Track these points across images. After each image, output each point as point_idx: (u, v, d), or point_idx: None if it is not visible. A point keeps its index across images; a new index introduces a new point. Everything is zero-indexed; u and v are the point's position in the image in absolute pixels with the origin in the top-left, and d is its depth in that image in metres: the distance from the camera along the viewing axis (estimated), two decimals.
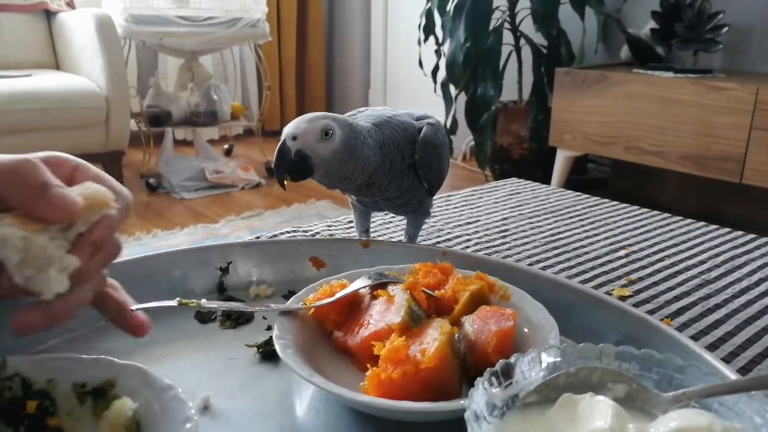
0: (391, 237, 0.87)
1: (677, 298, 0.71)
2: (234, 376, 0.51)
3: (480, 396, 0.37)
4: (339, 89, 4.22)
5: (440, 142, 0.71)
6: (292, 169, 0.61)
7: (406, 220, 0.77)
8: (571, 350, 0.41)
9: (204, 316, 0.60)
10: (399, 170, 0.68)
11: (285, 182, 0.62)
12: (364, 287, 0.55)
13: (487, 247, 0.85)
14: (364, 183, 0.66)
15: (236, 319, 0.59)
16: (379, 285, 0.55)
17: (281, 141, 0.61)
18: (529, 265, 0.78)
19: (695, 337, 0.62)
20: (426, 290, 0.53)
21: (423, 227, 0.79)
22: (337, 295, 0.53)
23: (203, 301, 0.52)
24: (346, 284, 0.55)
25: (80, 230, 0.40)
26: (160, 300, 0.61)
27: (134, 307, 0.47)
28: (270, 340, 0.51)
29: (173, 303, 0.51)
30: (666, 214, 1.01)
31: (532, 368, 0.40)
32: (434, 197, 0.80)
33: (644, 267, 0.80)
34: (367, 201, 0.73)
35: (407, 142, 0.68)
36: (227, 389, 0.49)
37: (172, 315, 0.60)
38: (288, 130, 0.61)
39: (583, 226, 0.95)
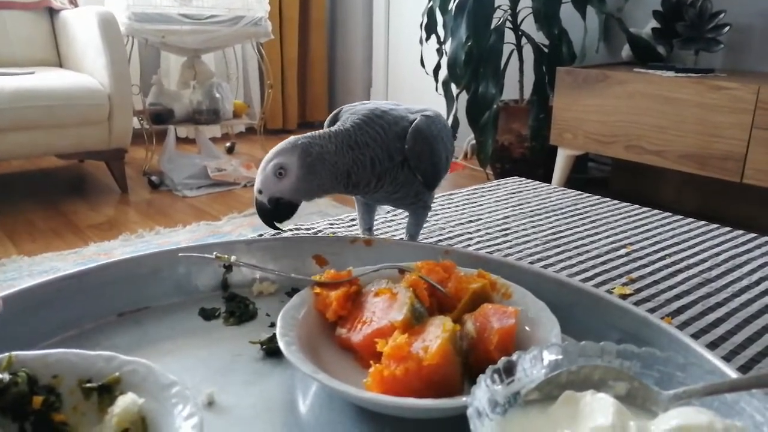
0: (394, 235, 0.87)
1: (678, 296, 0.72)
2: (238, 373, 0.51)
3: (482, 393, 0.37)
4: (341, 87, 4.22)
5: (433, 134, 0.68)
6: (274, 217, 0.66)
7: (407, 218, 0.78)
8: (572, 348, 0.41)
9: (208, 313, 0.60)
10: (388, 166, 0.67)
11: (279, 226, 0.68)
12: (378, 269, 0.57)
13: (489, 246, 0.85)
14: (348, 184, 0.66)
15: (240, 316, 0.60)
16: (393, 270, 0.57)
17: (254, 198, 0.66)
18: (531, 263, 0.78)
19: (696, 336, 0.62)
20: (432, 282, 0.53)
21: (425, 225, 0.80)
22: (354, 274, 0.56)
23: (233, 258, 0.63)
24: (352, 271, 0.56)
25: None
26: (167, 298, 0.62)
27: (181, 254, 0.61)
28: (274, 336, 0.51)
29: (211, 256, 0.62)
30: (667, 213, 1.01)
31: (534, 366, 0.40)
32: (436, 195, 0.80)
33: (645, 266, 0.80)
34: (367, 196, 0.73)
35: (398, 136, 0.67)
36: (231, 385, 0.49)
37: (176, 312, 0.60)
38: (255, 185, 0.65)
39: (584, 224, 0.95)
